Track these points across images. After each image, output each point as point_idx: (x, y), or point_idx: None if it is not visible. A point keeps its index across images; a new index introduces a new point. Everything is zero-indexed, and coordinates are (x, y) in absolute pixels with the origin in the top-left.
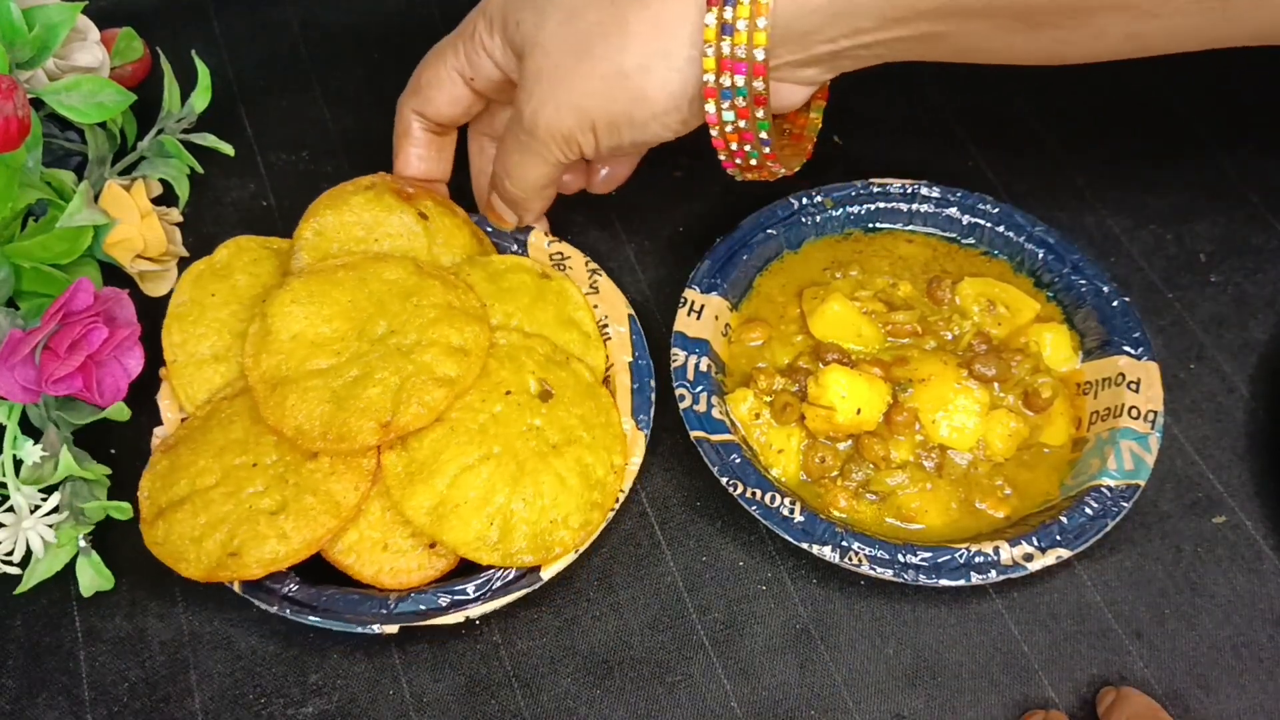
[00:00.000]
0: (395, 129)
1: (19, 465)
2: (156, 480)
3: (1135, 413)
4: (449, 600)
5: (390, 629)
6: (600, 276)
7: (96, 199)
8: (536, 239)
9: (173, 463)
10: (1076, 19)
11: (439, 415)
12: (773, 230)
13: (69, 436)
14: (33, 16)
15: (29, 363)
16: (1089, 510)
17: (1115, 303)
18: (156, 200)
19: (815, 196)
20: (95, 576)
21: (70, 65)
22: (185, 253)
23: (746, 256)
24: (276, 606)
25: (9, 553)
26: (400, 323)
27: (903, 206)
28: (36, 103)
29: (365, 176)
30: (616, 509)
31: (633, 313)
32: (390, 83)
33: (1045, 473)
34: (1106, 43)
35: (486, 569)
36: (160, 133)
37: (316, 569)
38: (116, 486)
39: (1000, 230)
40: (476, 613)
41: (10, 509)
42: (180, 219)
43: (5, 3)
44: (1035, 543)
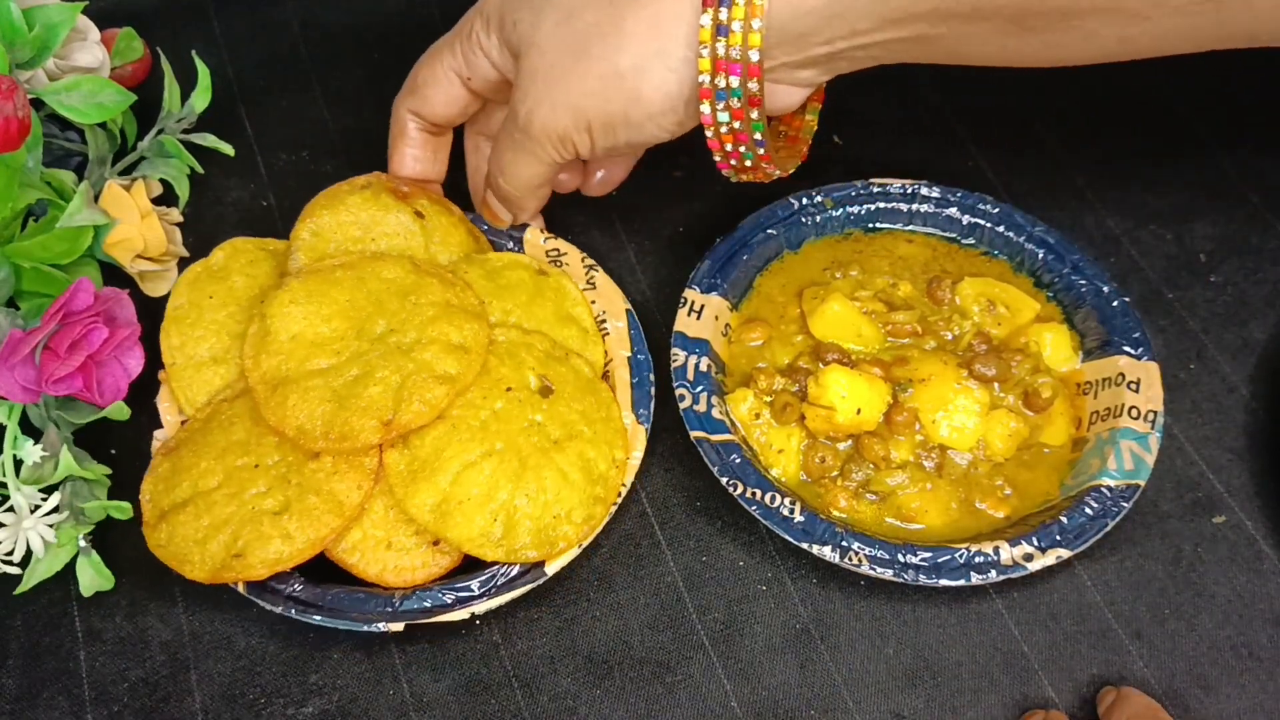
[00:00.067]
0: (391, 129)
1: (19, 465)
2: (158, 483)
3: (1135, 413)
4: (454, 597)
5: (396, 627)
6: (597, 272)
7: (96, 199)
8: (533, 236)
9: (174, 465)
10: (1068, 22)
11: (440, 413)
12: (773, 230)
13: (69, 436)
14: (33, 16)
15: (29, 363)
16: (1089, 510)
17: (1115, 303)
18: (156, 200)
19: (815, 196)
20: (95, 576)
21: (70, 65)
22: (185, 253)
23: (746, 256)
24: (282, 607)
25: (9, 553)
26: (399, 321)
27: (903, 206)
28: (37, 103)
29: (360, 176)
30: (619, 503)
31: (630, 307)
32: (390, 83)
33: (1045, 473)
34: (1099, 45)
35: (490, 565)
36: (160, 133)
37: (320, 569)
38: (117, 486)
39: (1000, 230)
40: (481, 609)
41: (10, 509)
42: (180, 219)
43: (5, 3)
44: (1035, 543)
